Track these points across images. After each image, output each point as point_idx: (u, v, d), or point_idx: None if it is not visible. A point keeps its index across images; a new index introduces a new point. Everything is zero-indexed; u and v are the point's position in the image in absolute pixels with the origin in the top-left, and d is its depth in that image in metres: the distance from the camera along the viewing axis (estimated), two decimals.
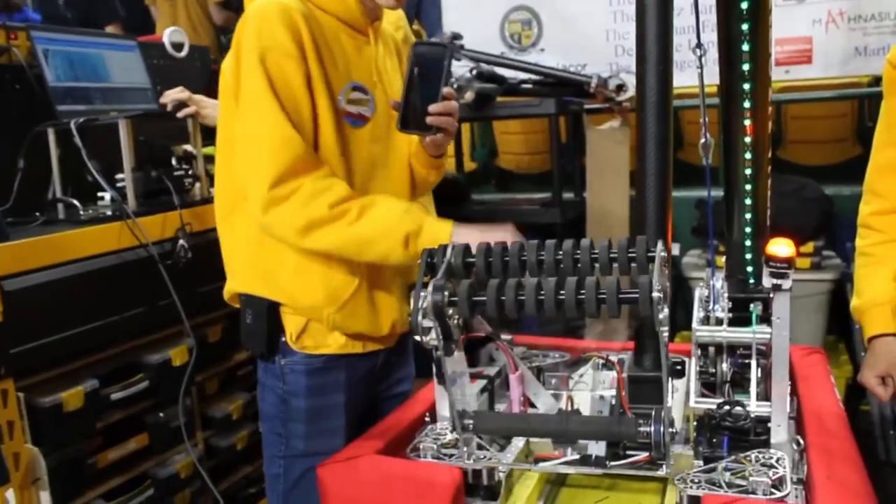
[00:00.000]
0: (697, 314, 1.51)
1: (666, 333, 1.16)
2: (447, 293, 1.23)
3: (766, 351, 1.39)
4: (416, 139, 1.65)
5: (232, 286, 1.63)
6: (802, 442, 1.30)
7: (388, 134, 1.62)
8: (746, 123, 1.48)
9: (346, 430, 1.62)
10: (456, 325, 1.27)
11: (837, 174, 3.57)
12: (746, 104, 1.44)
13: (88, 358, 1.95)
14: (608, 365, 1.64)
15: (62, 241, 1.86)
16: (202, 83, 2.61)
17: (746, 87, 1.42)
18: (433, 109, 1.49)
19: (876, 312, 1.64)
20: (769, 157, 1.61)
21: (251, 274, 1.58)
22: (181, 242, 2.10)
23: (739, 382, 1.48)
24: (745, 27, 1.33)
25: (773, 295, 1.27)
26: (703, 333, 1.47)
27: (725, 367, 1.47)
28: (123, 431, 2.06)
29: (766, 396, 1.35)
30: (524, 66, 3.41)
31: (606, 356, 1.65)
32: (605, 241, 1.28)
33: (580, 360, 1.73)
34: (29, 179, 2.08)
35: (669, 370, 1.22)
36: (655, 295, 1.12)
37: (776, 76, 3.15)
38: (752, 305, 1.48)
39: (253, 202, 1.45)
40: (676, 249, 3.55)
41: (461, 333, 1.33)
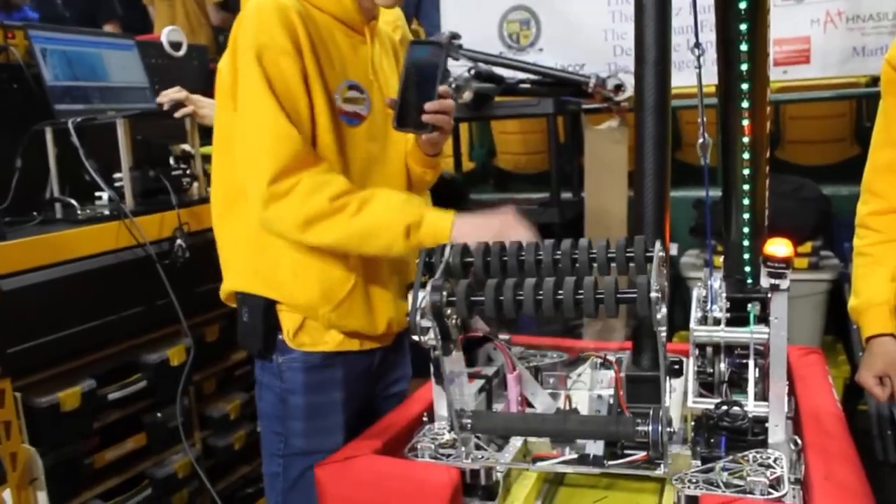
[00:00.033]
0: (695, 314, 1.51)
1: (664, 333, 1.17)
2: (445, 293, 1.24)
3: (763, 351, 1.39)
4: (412, 138, 1.65)
5: (228, 285, 1.63)
6: (800, 442, 1.30)
7: (384, 133, 1.62)
8: (745, 123, 1.48)
9: (344, 427, 1.61)
10: (454, 324, 1.27)
11: (835, 174, 3.58)
12: (745, 104, 1.45)
13: (86, 358, 1.94)
14: (606, 364, 1.64)
15: (60, 240, 1.86)
16: (200, 82, 2.61)
17: (745, 87, 1.42)
18: (429, 107, 1.49)
19: (874, 312, 1.64)
20: (767, 157, 1.61)
21: (248, 272, 1.58)
22: (179, 242, 2.10)
23: (737, 382, 1.48)
24: (743, 27, 1.34)
25: (770, 295, 1.27)
26: (700, 333, 1.47)
27: (723, 366, 1.48)
28: (121, 431, 2.06)
29: (763, 396, 1.35)
30: (522, 65, 3.41)
31: (604, 356, 1.66)
32: (603, 240, 1.28)
33: (578, 359, 1.73)
34: (26, 179, 2.08)
35: (667, 370, 1.22)
36: (653, 295, 1.13)
37: (774, 76, 3.16)
38: (749, 305, 1.49)
39: (253, 199, 1.45)
40: (674, 249, 3.55)
41: (459, 333, 1.33)
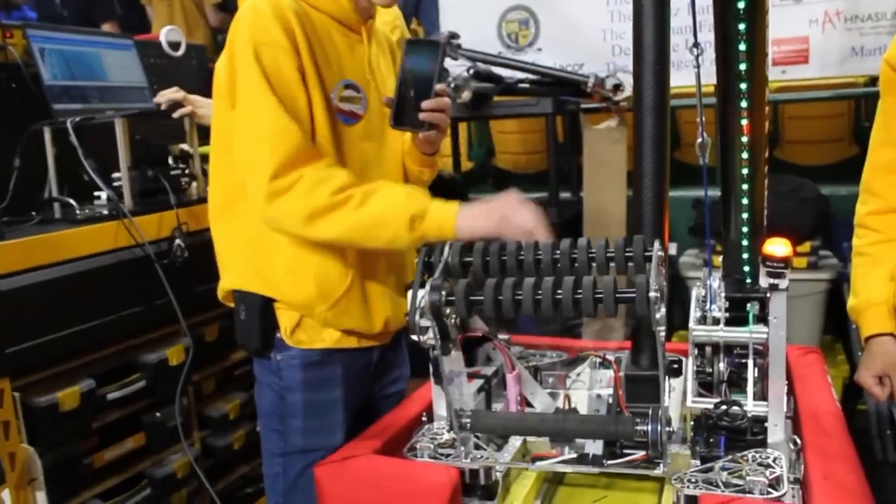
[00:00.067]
0: (694, 314, 1.51)
1: (663, 333, 1.17)
2: (444, 293, 1.24)
3: (762, 350, 1.39)
4: (409, 137, 1.65)
5: (226, 284, 1.62)
6: (799, 441, 1.30)
7: (381, 132, 1.62)
8: (743, 123, 1.48)
9: (343, 425, 1.61)
10: (453, 324, 1.28)
11: (834, 174, 3.58)
12: (743, 104, 1.45)
13: (85, 357, 1.94)
14: (605, 364, 1.65)
15: (58, 240, 1.85)
16: (199, 82, 2.60)
17: (743, 86, 1.42)
18: (426, 106, 1.48)
19: (873, 312, 1.64)
20: (766, 156, 1.61)
21: (245, 270, 1.58)
22: (178, 242, 2.09)
23: (736, 382, 1.48)
24: (741, 27, 1.34)
25: (769, 294, 1.27)
26: (700, 333, 1.47)
27: (722, 366, 1.48)
28: (120, 431, 2.05)
29: (762, 396, 1.35)
30: (521, 65, 3.41)
31: (603, 355, 1.66)
32: (602, 240, 1.28)
33: (577, 359, 1.73)
34: (25, 178, 2.07)
35: (666, 369, 1.23)
36: (652, 294, 1.13)
37: (773, 76, 3.16)
38: (748, 305, 1.49)
39: (255, 195, 1.44)
40: (674, 249, 3.55)
41: (458, 333, 1.33)
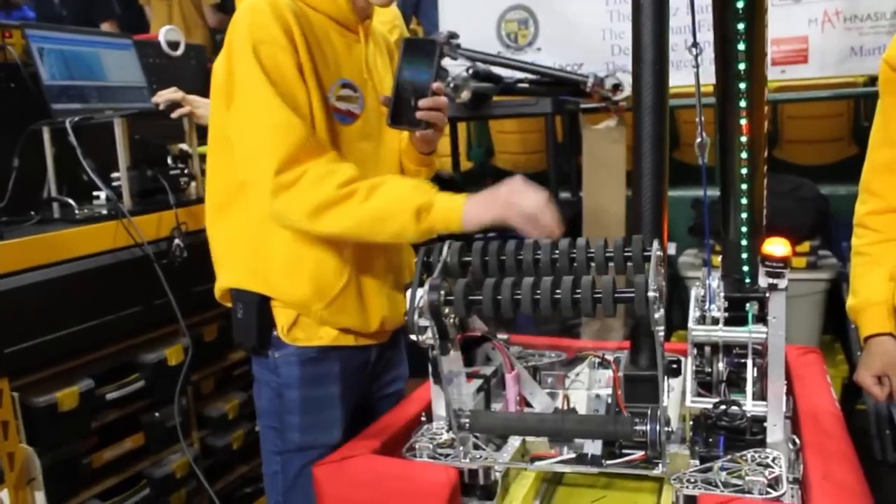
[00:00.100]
0: (694, 313, 1.51)
1: (662, 333, 1.17)
2: (443, 292, 1.23)
3: (762, 350, 1.39)
4: (406, 136, 1.65)
5: (223, 283, 1.62)
6: (798, 441, 1.30)
7: (378, 131, 1.62)
8: (742, 123, 1.48)
9: (341, 422, 1.61)
10: (452, 324, 1.27)
11: (833, 174, 3.58)
12: (742, 103, 1.45)
13: (83, 357, 1.94)
14: (604, 364, 1.64)
15: (57, 240, 1.85)
16: (198, 82, 2.60)
17: (742, 86, 1.42)
18: (423, 104, 1.48)
19: (872, 312, 1.64)
20: (765, 156, 1.61)
21: (242, 269, 1.58)
22: (177, 242, 2.09)
23: (735, 382, 1.48)
24: (741, 26, 1.34)
25: (769, 294, 1.27)
26: (699, 333, 1.47)
27: (721, 366, 1.48)
28: (119, 431, 2.05)
29: (762, 396, 1.35)
30: (521, 65, 3.41)
31: (602, 355, 1.66)
32: (601, 240, 1.28)
33: (576, 359, 1.73)
34: (24, 178, 2.07)
35: (665, 369, 1.22)
36: (651, 294, 1.13)
37: (772, 76, 3.16)
38: (748, 305, 1.49)
39: (261, 191, 1.44)
40: (673, 249, 3.55)
41: (457, 333, 1.33)
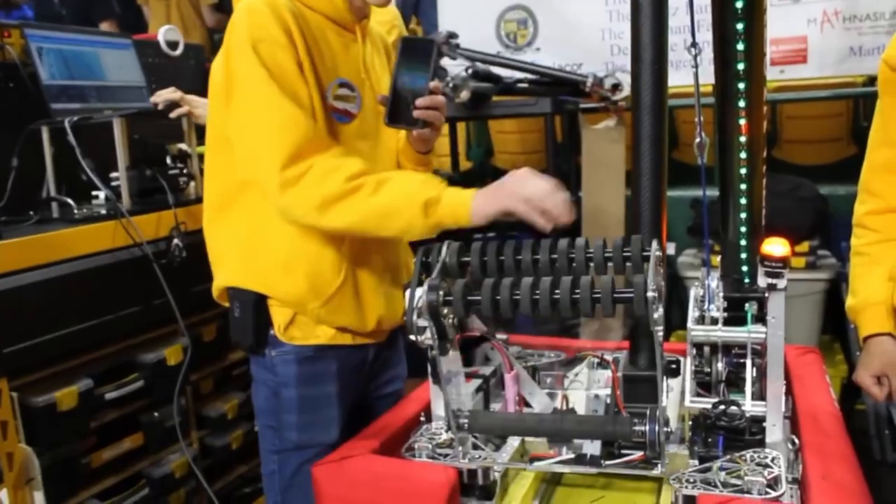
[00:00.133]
0: (693, 313, 1.51)
1: (661, 333, 1.17)
2: (442, 292, 1.23)
3: (761, 350, 1.39)
4: (403, 136, 1.65)
5: (220, 282, 1.62)
6: (797, 441, 1.30)
7: (375, 131, 1.62)
8: (741, 123, 1.48)
9: (338, 421, 1.61)
10: (451, 324, 1.27)
11: (832, 174, 3.58)
12: (741, 103, 1.44)
13: (82, 357, 1.94)
14: (603, 364, 1.64)
15: (56, 239, 1.85)
16: (197, 82, 2.60)
17: (741, 86, 1.42)
18: (420, 103, 1.48)
19: (871, 312, 1.64)
20: (764, 156, 1.61)
21: (239, 268, 1.58)
22: (176, 241, 2.09)
23: (734, 382, 1.48)
24: (739, 26, 1.33)
25: (768, 294, 1.27)
26: (698, 333, 1.47)
27: (721, 366, 1.48)
28: (118, 431, 2.05)
29: (761, 396, 1.35)
30: (520, 65, 3.40)
31: (601, 355, 1.66)
32: (600, 240, 1.28)
33: (575, 359, 1.73)
34: (23, 178, 2.07)
35: (664, 369, 1.23)
36: (650, 294, 1.13)
37: (771, 76, 3.16)
38: (747, 305, 1.49)
39: (267, 187, 1.43)
40: (672, 249, 3.55)
41: (456, 333, 1.33)
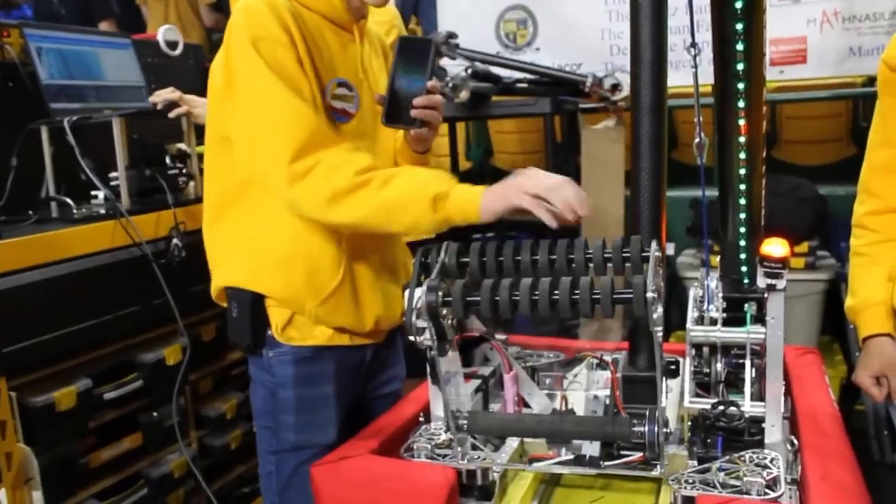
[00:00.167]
0: (692, 314, 1.51)
1: (660, 333, 1.17)
2: (441, 293, 1.23)
3: (760, 351, 1.39)
4: (401, 136, 1.65)
5: (218, 282, 1.62)
6: (797, 442, 1.30)
7: (373, 130, 1.62)
8: (741, 123, 1.48)
9: (336, 422, 1.61)
10: (450, 325, 1.27)
11: (832, 174, 3.58)
12: (741, 104, 1.44)
13: (81, 357, 1.94)
14: (602, 365, 1.64)
15: (55, 239, 1.85)
16: (196, 82, 2.60)
17: (741, 86, 1.42)
18: (417, 102, 1.48)
19: (870, 312, 1.64)
20: (764, 156, 1.61)
21: (238, 268, 1.57)
22: (175, 241, 2.09)
23: (734, 382, 1.48)
24: (739, 26, 1.33)
25: (767, 295, 1.27)
26: (697, 333, 1.47)
27: (720, 367, 1.48)
28: (117, 431, 2.05)
29: (760, 396, 1.35)
30: (519, 65, 3.41)
31: (601, 356, 1.66)
32: (599, 240, 1.28)
33: (574, 359, 1.73)
34: (22, 178, 2.07)
35: (664, 370, 1.23)
36: (649, 295, 1.13)
37: (771, 76, 3.15)
38: (746, 305, 1.49)
39: (275, 181, 1.43)
40: (671, 249, 3.54)
41: (455, 333, 1.33)
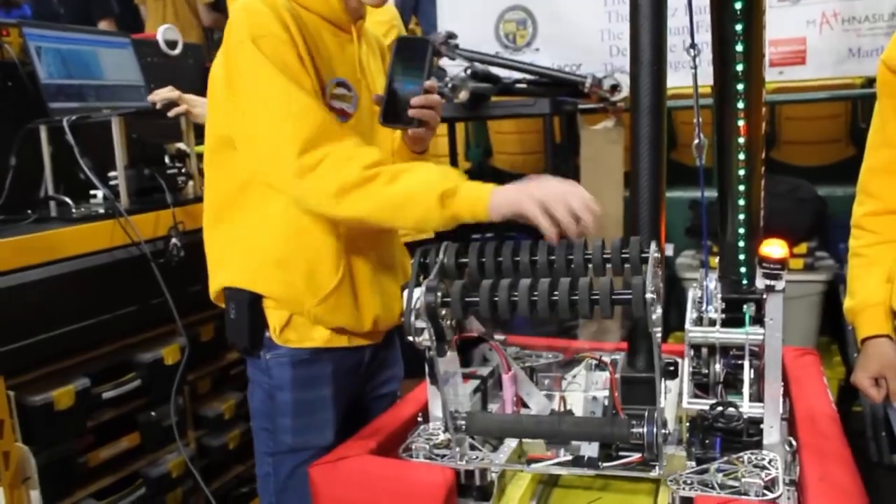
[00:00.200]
0: (691, 315, 1.51)
1: (659, 334, 1.17)
2: (440, 294, 1.23)
3: (758, 352, 1.39)
4: (399, 136, 1.65)
5: (217, 283, 1.62)
6: (795, 443, 1.30)
7: (371, 130, 1.62)
8: (740, 124, 1.48)
9: (333, 424, 1.60)
10: (449, 325, 1.27)
11: (831, 175, 3.58)
12: (740, 105, 1.45)
13: (80, 356, 1.94)
14: (601, 366, 1.64)
15: (54, 238, 1.85)
16: (196, 81, 2.60)
17: (740, 87, 1.42)
18: (415, 102, 1.48)
19: (869, 314, 1.64)
20: (763, 157, 1.61)
21: (237, 268, 1.57)
22: (174, 241, 2.09)
23: (732, 383, 1.48)
24: (738, 28, 1.33)
25: (766, 296, 1.27)
26: (696, 334, 1.47)
27: (718, 368, 1.48)
28: (115, 430, 2.05)
29: (758, 397, 1.35)
30: (519, 65, 3.41)
31: (599, 357, 1.66)
32: (598, 241, 1.28)
33: (573, 360, 1.73)
34: (21, 177, 2.07)
35: (662, 371, 1.23)
36: (648, 296, 1.13)
37: (770, 77, 3.16)
38: (745, 306, 1.49)
39: (282, 176, 1.42)
40: (670, 250, 3.55)
41: (454, 334, 1.33)
